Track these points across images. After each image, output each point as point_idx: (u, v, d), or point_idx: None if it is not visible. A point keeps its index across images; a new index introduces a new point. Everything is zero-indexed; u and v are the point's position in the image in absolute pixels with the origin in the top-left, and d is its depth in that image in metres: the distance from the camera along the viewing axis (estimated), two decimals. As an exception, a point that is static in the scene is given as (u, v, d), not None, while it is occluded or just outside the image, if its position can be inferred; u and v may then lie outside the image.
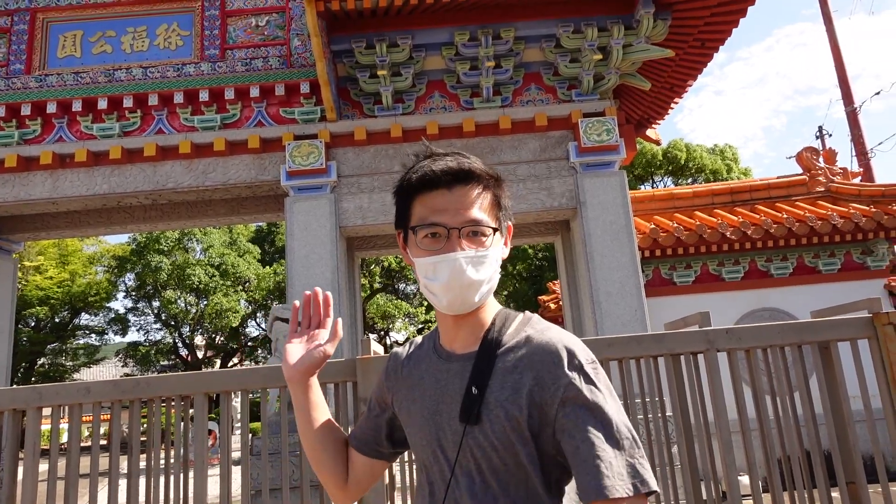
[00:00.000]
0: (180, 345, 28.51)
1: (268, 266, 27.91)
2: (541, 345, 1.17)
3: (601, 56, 7.38)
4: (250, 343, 30.27)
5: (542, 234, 9.27)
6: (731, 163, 25.87)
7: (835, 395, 3.11)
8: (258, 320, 29.02)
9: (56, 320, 26.15)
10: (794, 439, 3.09)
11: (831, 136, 23.45)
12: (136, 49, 7.91)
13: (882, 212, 9.28)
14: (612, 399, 1.13)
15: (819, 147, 15.49)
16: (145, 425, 3.29)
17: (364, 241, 9.03)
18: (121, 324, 27.78)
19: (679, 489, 3.47)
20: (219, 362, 29.64)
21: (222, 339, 29.15)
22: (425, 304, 28.47)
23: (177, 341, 28.32)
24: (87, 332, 27.80)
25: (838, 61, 16.77)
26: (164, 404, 3.18)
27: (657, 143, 9.60)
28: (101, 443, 3.17)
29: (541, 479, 1.14)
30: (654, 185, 25.70)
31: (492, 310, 1.29)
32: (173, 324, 27.27)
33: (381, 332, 29.29)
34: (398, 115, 7.74)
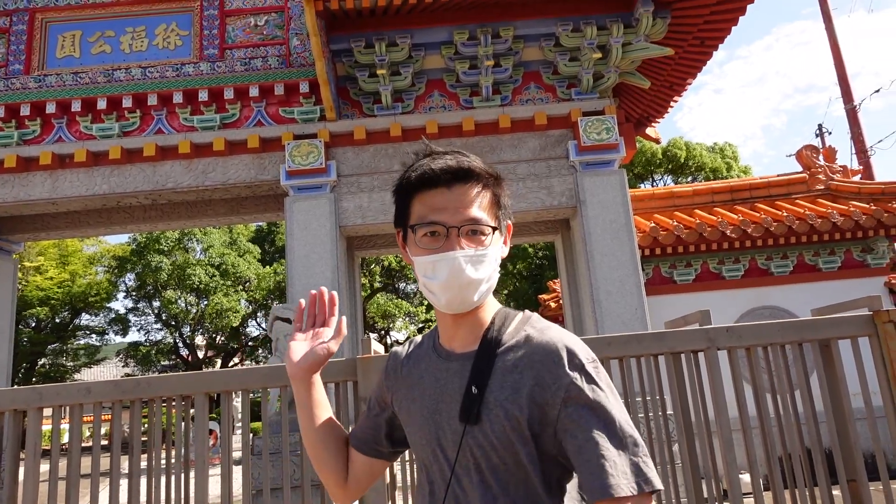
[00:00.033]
0: (181, 345, 28.51)
1: (268, 266, 27.90)
2: (541, 344, 1.17)
3: (600, 55, 7.38)
4: (251, 343, 30.27)
5: (542, 233, 9.27)
6: (731, 161, 25.84)
7: (835, 392, 3.11)
8: (258, 320, 29.03)
9: (56, 321, 26.14)
10: (794, 437, 3.10)
11: (831, 134, 23.44)
12: (135, 49, 7.91)
13: (882, 209, 9.28)
14: (614, 398, 1.13)
15: (819, 145, 15.50)
16: (146, 425, 3.29)
17: (364, 241, 9.04)
18: (121, 324, 27.79)
19: (680, 487, 3.48)
20: (219, 362, 29.63)
21: (223, 338, 29.15)
22: (426, 303, 28.47)
23: (177, 341, 28.32)
24: (88, 332, 27.79)
25: (838, 59, 16.76)
26: (164, 404, 3.18)
27: (657, 141, 9.59)
28: (102, 443, 3.18)
29: (540, 479, 1.14)
30: (654, 184, 25.68)
31: (491, 309, 1.29)
32: (174, 324, 27.27)
33: (382, 332, 29.30)
34: (398, 115, 7.74)
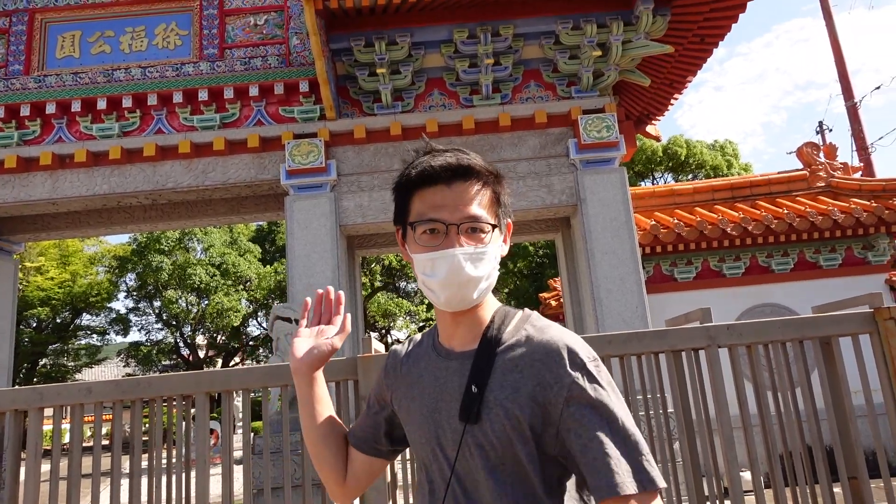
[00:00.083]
0: (182, 344, 28.52)
1: (268, 265, 27.91)
2: (542, 343, 1.17)
3: (600, 52, 7.37)
4: (252, 342, 30.29)
5: (543, 232, 9.27)
6: (732, 158, 25.83)
7: (836, 390, 3.11)
8: (259, 319, 29.05)
9: (57, 321, 26.17)
10: (795, 435, 3.09)
11: (832, 131, 23.39)
12: (134, 49, 7.91)
13: (883, 206, 9.26)
14: (616, 396, 1.13)
15: (819, 142, 15.48)
16: (147, 425, 3.29)
17: (364, 240, 9.03)
18: (122, 324, 27.81)
19: (681, 485, 3.48)
20: (220, 362, 29.64)
21: (224, 338, 29.16)
22: (426, 302, 28.47)
23: (178, 341, 28.34)
24: (89, 332, 27.82)
25: (838, 56, 16.74)
26: (165, 404, 3.18)
27: (657, 139, 9.58)
28: (104, 443, 3.18)
29: (540, 478, 1.14)
30: (655, 182, 25.67)
31: (490, 307, 1.29)
32: (175, 323, 27.29)
33: (383, 331, 29.32)
34: (397, 114, 7.73)
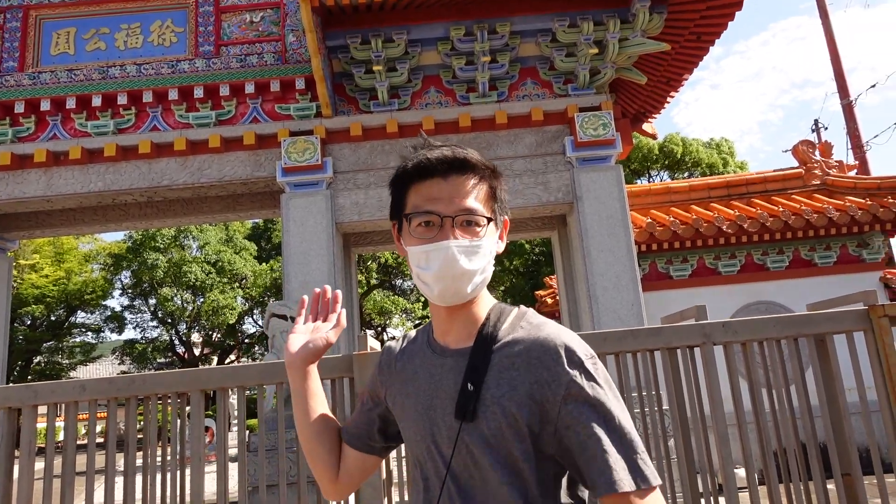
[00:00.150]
0: (177, 342, 28.45)
1: (264, 263, 27.84)
2: (538, 341, 1.16)
3: (597, 50, 7.37)
4: (247, 340, 30.24)
5: (539, 229, 9.27)
6: (728, 156, 25.85)
7: (830, 387, 3.12)
8: (255, 317, 29.00)
9: (52, 318, 26.07)
10: (790, 432, 3.11)
11: (827, 129, 23.44)
12: (130, 46, 7.87)
13: (878, 205, 9.30)
14: (614, 394, 1.13)
15: (815, 140, 15.50)
16: (142, 423, 3.28)
17: (360, 237, 9.03)
18: (117, 321, 27.72)
19: (676, 482, 3.49)
20: (216, 359, 29.59)
21: (219, 336, 29.10)
22: (422, 299, 28.46)
23: (173, 339, 28.27)
24: (84, 329, 27.72)
25: (834, 55, 16.78)
26: (160, 402, 3.18)
27: (653, 137, 9.59)
28: (98, 440, 3.17)
29: (535, 476, 1.14)
30: (651, 180, 25.70)
31: (486, 304, 1.29)
32: (170, 321, 27.22)
33: (379, 329, 29.31)
34: (394, 111, 7.72)
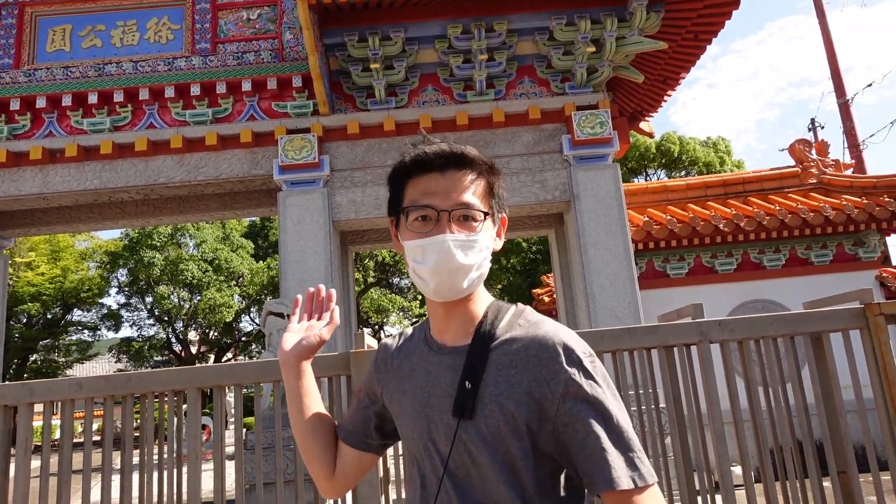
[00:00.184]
0: (174, 340, 28.41)
1: (261, 261, 27.81)
2: (537, 339, 1.17)
3: (594, 49, 7.36)
4: (244, 338, 30.20)
5: (536, 228, 9.28)
6: (724, 155, 25.89)
7: (826, 385, 3.13)
8: (252, 315, 28.96)
9: (48, 316, 26.02)
10: (786, 430, 3.11)
11: (823, 128, 23.50)
12: (126, 43, 7.84)
13: (874, 203, 9.33)
14: (612, 393, 1.14)
15: (811, 139, 15.53)
16: (138, 421, 3.27)
17: (358, 235, 9.02)
18: (113, 319, 27.67)
19: (672, 480, 3.49)
20: (212, 357, 29.55)
21: (216, 334, 29.05)
22: (419, 298, 28.46)
23: (170, 337, 28.22)
24: (80, 327, 27.67)
25: (831, 54, 16.80)
26: (157, 400, 3.17)
27: (650, 135, 9.60)
28: (94, 439, 3.17)
29: (532, 474, 1.14)
30: (648, 178, 25.73)
31: (483, 302, 1.29)
32: (166, 319, 27.16)
33: (376, 327, 29.30)
34: (391, 109, 7.71)
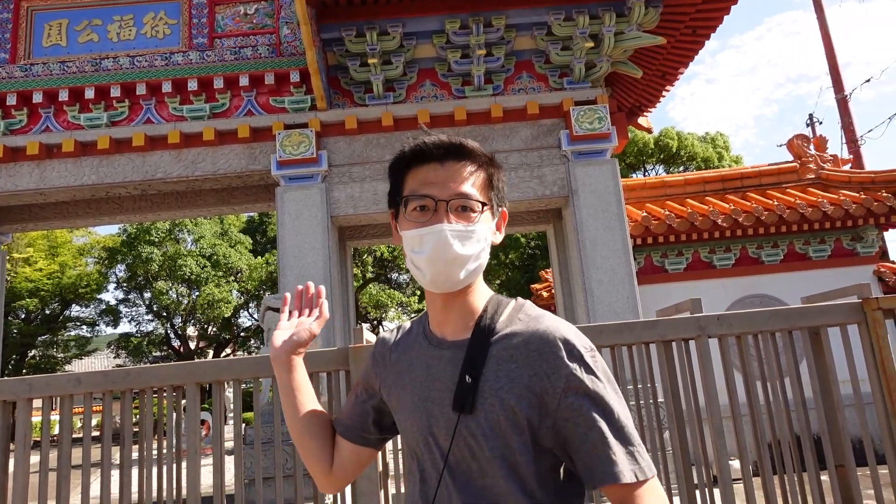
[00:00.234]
0: (172, 336, 28.39)
1: (260, 256, 27.79)
2: (537, 334, 1.17)
3: (593, 44, 7.35)
4: (243, 333, 30.21)
5: (535, 223, 9.27)
6: (723, 151, 25.90)
7: (825, 380, 3.14)
8: (250, 311, 28.96)
9: (47, 312, 25.99)
10: (784, 424, 3.12)
11: (822, 123, 23.51)
12: (122, 38, 7.81)
13: (872, 198, 9.33)
14: (612, 387, 1.15)
15: (810, 134, 15.52)
16: (137, 416, 3.28)
17: (356, 231, 9.01)
18: (112, 315, 27.66)
19: (671, 474, 3.51)
20: (211, 353, 29.54)
21: (214, 329, 29.06)
22: (418, 293, 28.47)
23: (169, 332, 28.21)
24: (79, 323, 27.65)
25: (829, 49, 16.78)
26: (156, 395, 3.17)
27: (649, 131, 9.60)
28: (93, 434, 3.17)
29: (533, 469, 1.14)
30: (646, 174, 25.72)
31: (483, 295, 1.29)
32: (165, 315, 27.14)
33: (374, 322, 29.31)
34: (389, 104, 7.69)
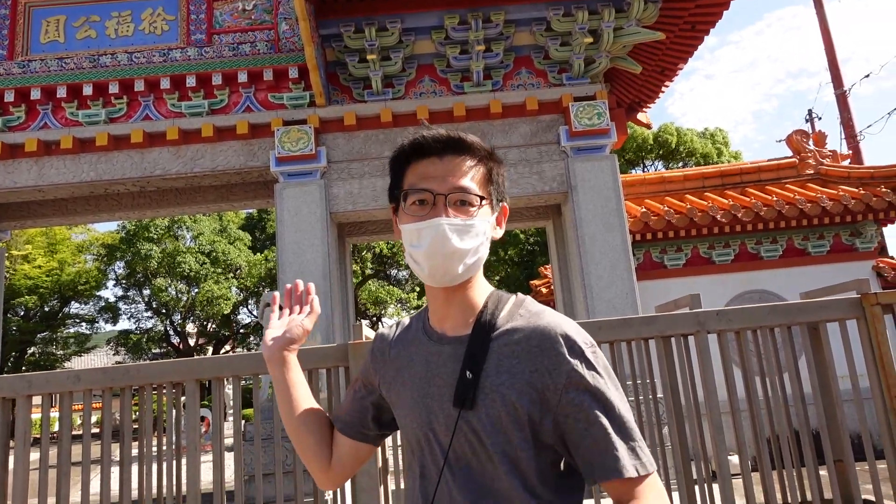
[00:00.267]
0: (172, 332, 28.41)
1: (259, 253, 27.80)
2: (538, 330, 1.17)
3: (592, 39, 7.34)
4: (242, 330, 30.23)
5: (534, 219, 9.27)
6: (722, 146, 25.89)
7: (823, 375, 3.14)
8: (250, 307, 28.97)
9: (46, 309, 25.98)
10: (783, 419, 3.13)
11: (821, 119, 23.50)
12: (120, 34, 7.79)
13: (871, 194, 9.34)
14: (613, 383, 1.15)
15: (809, 130, 15.53)
16: (137, 413, 3.28)
17: (355, 227, 9.01)
18: (111, 312, 27.65)
19: (670, 469, 3.51)
20: (211, 349, 29.57)
21: (214, 326, 29.08)
22: (417, 289, 28.48)
23: (168, 329, 28.22)
24: (78, 320, 27.64)
25: (828, 45, 16.77)
26: (155, 392, 3.18)
27: (648, 126, 9.59)
28: (93, 431, 3.17)
29: (534, 465, 1.14)
30: (645, 169, 25.72)
31: (483, 291, 1.28)
32: (164, 311, 27.15)
33: (374, 318, 29.34)
34: (388, 100, 7.68)
